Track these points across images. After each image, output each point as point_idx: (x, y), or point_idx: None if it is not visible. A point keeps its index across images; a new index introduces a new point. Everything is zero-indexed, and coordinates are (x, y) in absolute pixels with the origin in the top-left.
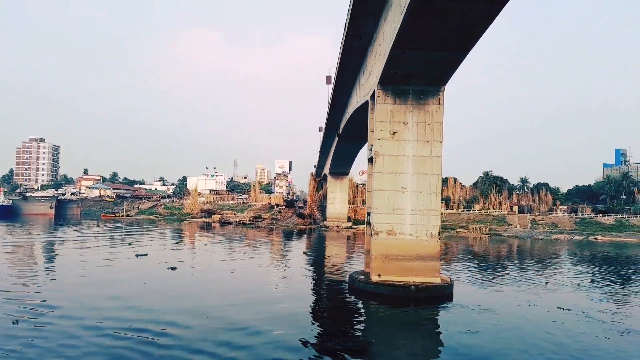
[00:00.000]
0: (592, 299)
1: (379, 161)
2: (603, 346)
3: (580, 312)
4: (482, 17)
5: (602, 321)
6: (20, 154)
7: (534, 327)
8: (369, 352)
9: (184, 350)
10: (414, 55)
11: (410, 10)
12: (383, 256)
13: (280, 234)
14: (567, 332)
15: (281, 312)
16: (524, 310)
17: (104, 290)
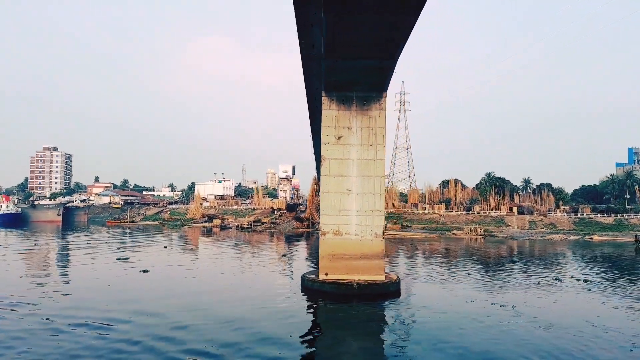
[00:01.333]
0: (529, 295)
1: (326, 165)
2: (508, 338)
3: (512, 307)
4: (397, 27)
5: (529, 315)
6: (34, 162)
7: (460, 321)
8: (293, 347)
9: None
10: (347, 64)
11: (328, 24)
12: (330, 256)
13: (274, 238)
14: (489, 326)
15: (222, 312)
16: (460, 307)
17: (64, 289)
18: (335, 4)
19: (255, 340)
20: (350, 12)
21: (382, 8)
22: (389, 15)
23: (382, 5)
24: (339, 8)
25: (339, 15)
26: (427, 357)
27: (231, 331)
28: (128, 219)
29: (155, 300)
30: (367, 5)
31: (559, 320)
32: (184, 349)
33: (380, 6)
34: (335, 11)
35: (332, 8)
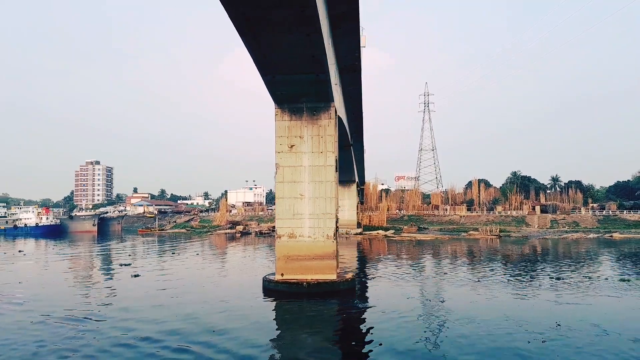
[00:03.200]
0: (479, 290)
1: (280, 172)
2: (435, 334)
3: (440, 301)
4: (312, 44)
5: (452, 310)
6: (79, 176)
7: (392, 316)
8: (233, 340)
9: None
10: (285, 78)
11: (250, 45)
12: (285, 257)
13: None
14: (419, 324)
15: (185, 311)
16: (400, 303)
17: (50, 290)
18: (246, 28)
19: (207, 334)
20: (263, 33)
21: (292, 28)
22: (298, 34)
23: (290, 25)
24: (253, 31)
25: (255, 37)
26: (350, 350)
27: (190, 328)
28: (157, 228)
29: (130, 299)
30: (277, 26)
31: (478, 314)
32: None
33: (289, 26)
34: (250, 34)
35: (245, 32)
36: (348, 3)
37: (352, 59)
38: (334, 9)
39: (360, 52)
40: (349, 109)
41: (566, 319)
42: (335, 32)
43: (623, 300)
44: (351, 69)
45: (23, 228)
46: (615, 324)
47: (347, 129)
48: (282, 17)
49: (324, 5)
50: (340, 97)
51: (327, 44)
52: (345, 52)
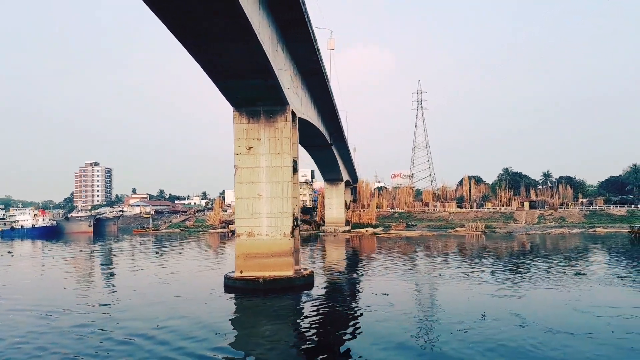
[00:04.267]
0: (418, 284)
1: (239, 173)
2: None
3: (384, 294)
4: (252, 51)
5: (395, 302)
6: (78, 177)
7: (341, 309)
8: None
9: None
10: (237, 83)
11: (194, 53)
12: (244, 255)
13: None
14: (358, 309)
15: (147, 311)
16: (353, 297)
17: (15, 289)
18: (186, 37)
19: (154, 329)
20: (205, 43)
21: (229, 37)
22: (238, 43)
23: (227, 34)
24: (195, 41)
25: (199, 46)
26: (291, 342)
27: (152, 327)
28: (152, 228)
29: (96, 297)
30: (216, 36)
31: (425, 306)
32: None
33: (227, 36)
34: (193, 44)
35: (187, 41)
36: (293, 10)
37: (311, 63)
38: (281, 16)
39: (318, 56)
40: (320, 110)
41: (492, 308)
42: (287, 38)
43: (563, 293)
44: (313, 72)
45: (20, 230)
46: (531, 315)
47: (321, 129)
48: (218, 28)
49: (264, 13)
50: (306, 99)
51: (274, 51)
52: (303, 56)
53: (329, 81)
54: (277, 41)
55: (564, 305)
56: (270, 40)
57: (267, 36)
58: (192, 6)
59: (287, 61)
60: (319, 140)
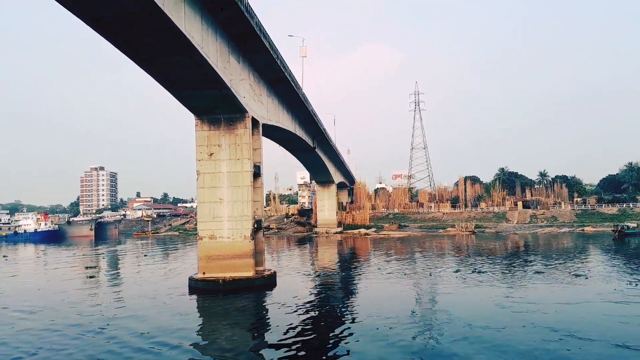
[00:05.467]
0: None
1: (201, 178)
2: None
3: (350, 294)
4: (198, 64)
5: (354, 301)
6: (84, 182)
7: (295, 307)
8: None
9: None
10: (194, 93)
11: (146, 67)
12: (207, 257)
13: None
14: (316, 310)
15: (112, 312)
16: (311, 295)
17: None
18: (132, 53)
19: (130, 327)
20: (149, 57)
21: (172, 52)
22: (182, 57)
23: (168, 49)
24: (138, 56)
25: (145, 60)
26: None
27: (117, 327)
28: (151, 231)
29: (67, 297)
30: (160, 51)
31: (383, 304)
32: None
33: (169, 51)
34: (138, 59)
35: (133, 56)
36: (242, 23)
37: (274, 72)
38: (230, 30)
39: (280, 65)
40: (296, 116)
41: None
42: (243, 49)
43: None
44: (278, 80)
45: (23, 234)
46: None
47: (299, 134)
48: (159, 44)
49: (209, 28)
50: (274, 105)
51: (225, 62)
52: (264, 66)
53: (299, 88)
54: (229, 53)
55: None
56: (218, 53)
57: (214, 49)
58: (129, 23)
59: (244, 71)
60: (299, 144)
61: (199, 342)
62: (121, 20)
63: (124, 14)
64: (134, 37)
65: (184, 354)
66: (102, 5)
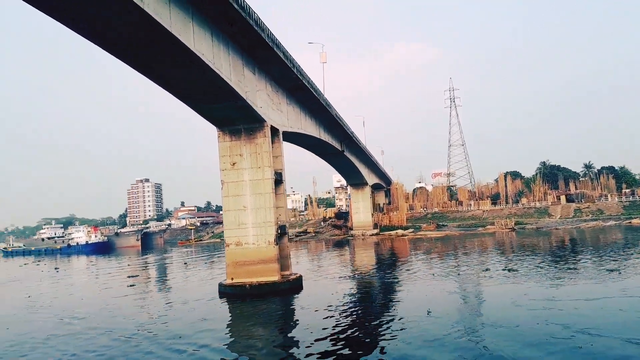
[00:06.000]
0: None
1: (225, 187)
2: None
3: (370, 299)
4: (206, 79)
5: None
6: (131, 194)
7: (321, 311)
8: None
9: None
10: (210, 107)
11: (156, 81)
12: (234, 263)
13: (303, 246)
14: (338, 314)
15: (145, 317)
16: (338, 299)
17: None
18: (143, 68)
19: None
20: (163, 72)
21: (179, 65)
22: (192, 71)
23: (176, 63)
24: (155, 74)
25: (163, 78)
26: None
27: (150, 330)
28: (195, 239)
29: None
30: (170, 65)
31: (402, 308)
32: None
33: (179, 64)
34: (154, 76)
35: (150, 75)
36: (253, 37)
37: (292, 80)
38: (242, 42)
39: (297, 73)
40: (320, 121)
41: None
42: (258, 61)
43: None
44: (297, 87)
45: (75, 246)
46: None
47: (325, 139)
48: (171, 63)
49: (220, 44)
50: (296, 113)
51: (240, 74)
52: (281, 75)
53: (320, 94)
54: (243, 65)
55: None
56: (231, 66)
57: (227, 64)
58: (142, 46)
59: (261, 81)
60: (327, 148)
61: (222, 344)
62: (134, 44)
63: (136, 38)
64: (147, 58)
65: (211, 355)
66: (114, 31)
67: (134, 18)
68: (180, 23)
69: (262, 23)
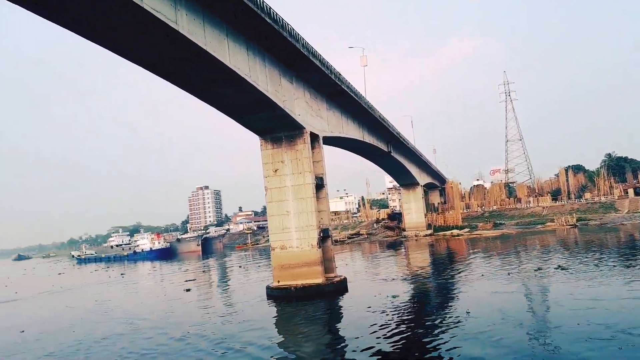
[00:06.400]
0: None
1: (269, 193)
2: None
3: (413, 300)
4: (245, 92)
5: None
6: (191, 201)
7: (363, 312)
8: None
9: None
10: (250, 117)
11: (200, 97)
12: (279, 266)
13: (356, 248)
14: (381, 315)
15: (197, 318)
16: (382, 302)
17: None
18: (189, 88)
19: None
20: (203, 88)
21: (223, 84)
22: (230, 88)
23: (221, 83)
24: (194, 89)
25: (203, 93)
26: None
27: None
28: (251, 243)
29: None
30: (208, 81)
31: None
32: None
33: (214, 80)
34: (194, 91)
35: (190, 90)
36: (289, 48)
37: (331, 86)
38: (278, 54)
39: (335, 79)
40: (363, 124)
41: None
42: (296, 70)
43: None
44: (337, 93)
45: (140, 253)
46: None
47: (369, 141)
48: (211, 80)
49: (256, 57)
50: (336, 117)
51: (277, 85)
52: (319, 82)
53: (361, 97)
54: (280, 76)
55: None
56: (267, 78)
57: (263, 75)
58: (180, 64)
59: (299, 90)
60: (372, 150)
61: (264, 343)
62: (173, 63)
63: (173, 58)
64: (187, 76)
65: (256, 353)
66: (152, 52)
67: (172, 41)
68: (215, 41)
69: (296, 34)
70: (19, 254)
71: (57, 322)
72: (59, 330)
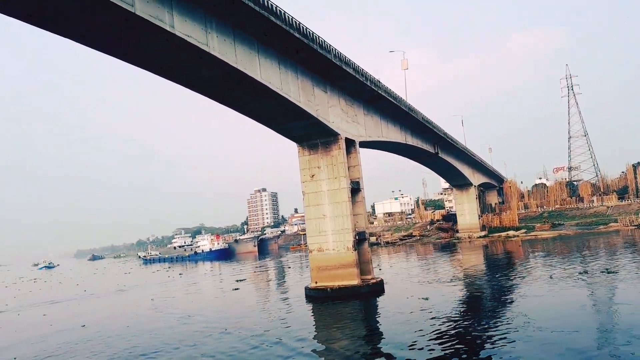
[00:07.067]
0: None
1: (306, 198)
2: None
3: (449, 302)
4: (280, 105)
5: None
6: (250, 203)
7: (397, 314)
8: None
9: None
10: (288, 126)
11: (239, 110)
12: (317, 268)
13: (409, 250)
14: (413, 316)
15: (239, 314)
16: (415, 303)
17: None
18: (226, 102)
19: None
20: (240, 102)
21: (251, 96)
22: (263, 100)
23: (253, 97)
24: (231, 103)
25: (240, 106)
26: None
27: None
28: (304, 244)
29: (213, 304)
30: (242, 96)
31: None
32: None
33: (253, 97)
34: (230, 104)
35: (226, 104)
36: (321, 60)
37: (367, 92)
38: (311, 66)
39: (371, 85)
40: (406, 126)
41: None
42: (330, 78)
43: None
44: (375, 98)
45: (201, 254)
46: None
47: (413, 143)
48: (245, 95)
49: (288, 70)
50: (375, 122)
51: (309, 95)
52: (355, 89)
53: (400, 100)
54: (313, 86)
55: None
56: (299, 89)
57: (295, 87)
58: (214, 82)
59: (333, 98)
60: (417, 152)
61: (304, 340)
62: (208, 80)
63: (207, 77)
64: (222, 91)
65: (284, 348)
66: (189, 72)
67: (206, 62)
68: (246, 58)
69: (327, 45)
70: (93, 255)
71: (115, 318)
72: (115, 325)
